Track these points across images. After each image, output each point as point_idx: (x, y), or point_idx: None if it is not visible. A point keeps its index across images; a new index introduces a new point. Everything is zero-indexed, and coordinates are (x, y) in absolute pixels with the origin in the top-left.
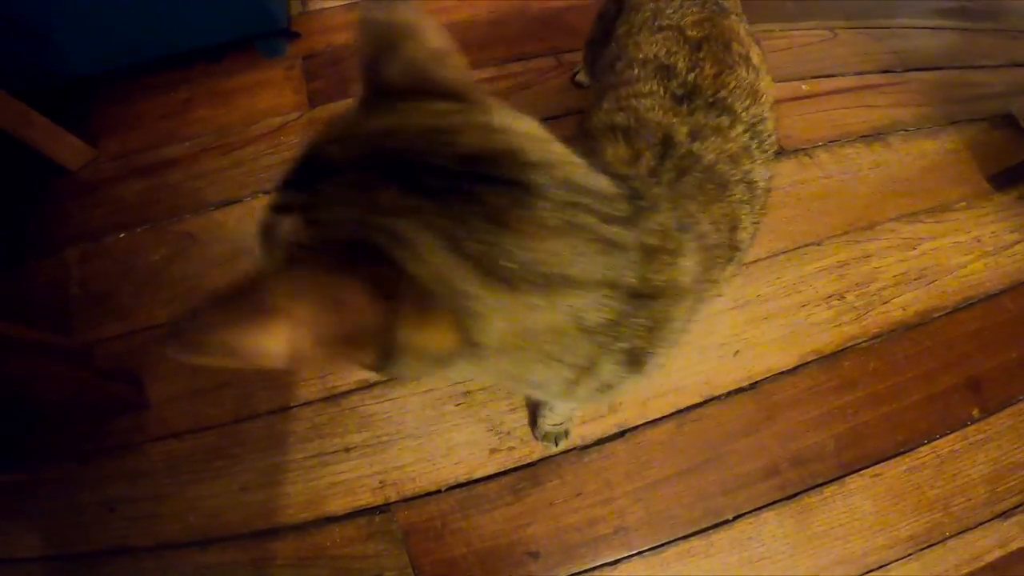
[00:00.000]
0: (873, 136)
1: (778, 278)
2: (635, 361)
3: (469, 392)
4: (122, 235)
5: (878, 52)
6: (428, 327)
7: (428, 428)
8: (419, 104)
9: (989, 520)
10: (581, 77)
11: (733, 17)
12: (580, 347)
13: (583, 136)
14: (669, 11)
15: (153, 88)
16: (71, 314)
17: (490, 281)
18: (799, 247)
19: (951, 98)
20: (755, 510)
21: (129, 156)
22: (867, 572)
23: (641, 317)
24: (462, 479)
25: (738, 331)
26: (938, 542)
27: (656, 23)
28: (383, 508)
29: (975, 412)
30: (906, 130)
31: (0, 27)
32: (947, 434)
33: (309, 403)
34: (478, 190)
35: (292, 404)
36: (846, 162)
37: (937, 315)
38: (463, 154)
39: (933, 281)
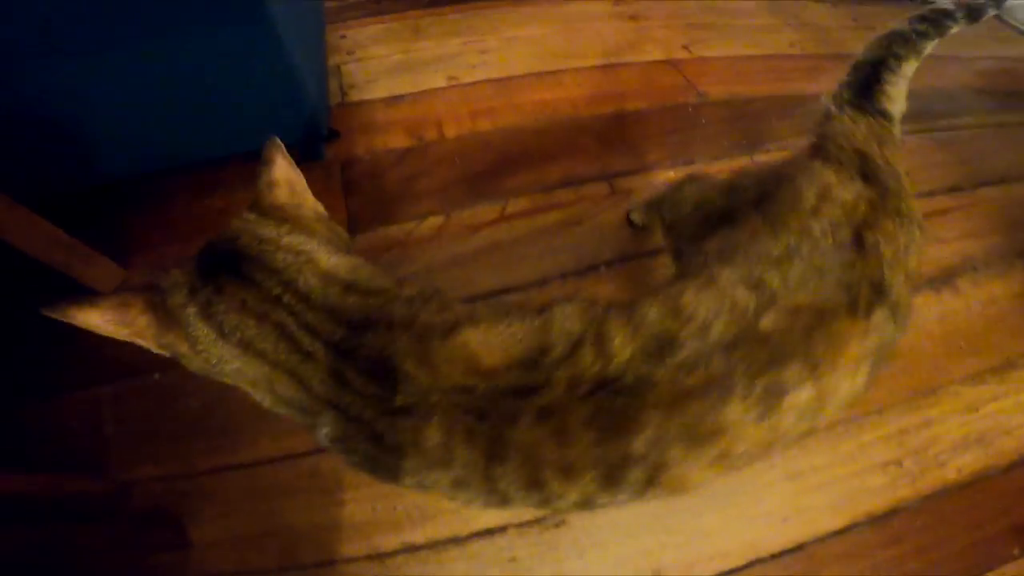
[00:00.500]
0: (942, 280)
1: (834, 448)
2: (339, 440)
3: (515, 559)
4: (157, 375)
5: (945, 163)
6: (171, 335)
7: None
8: (246, 215)
9: None
10: (636, 217)
11: (852, 326)
12: (284, 408)
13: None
14: (792, 274)
15: (185, 191)
16: (106, 452)
17: (207, 323)
18: (859, 416)
19: (1019, 221)
20: None
21: None
22: None
23: (326, 422)
24: None
25: (788, 500)
26: None
27: (757, 273)
28: None
29: (1015, 551)
30: (975, 269)
31: (28, 130)
32: (985, 572)
33: (354, 559)
34: (221, 273)
35: (336, 559)
36: (914, 314)
37: (991, 473)
38: (230, 251)
39: (992, 443)
